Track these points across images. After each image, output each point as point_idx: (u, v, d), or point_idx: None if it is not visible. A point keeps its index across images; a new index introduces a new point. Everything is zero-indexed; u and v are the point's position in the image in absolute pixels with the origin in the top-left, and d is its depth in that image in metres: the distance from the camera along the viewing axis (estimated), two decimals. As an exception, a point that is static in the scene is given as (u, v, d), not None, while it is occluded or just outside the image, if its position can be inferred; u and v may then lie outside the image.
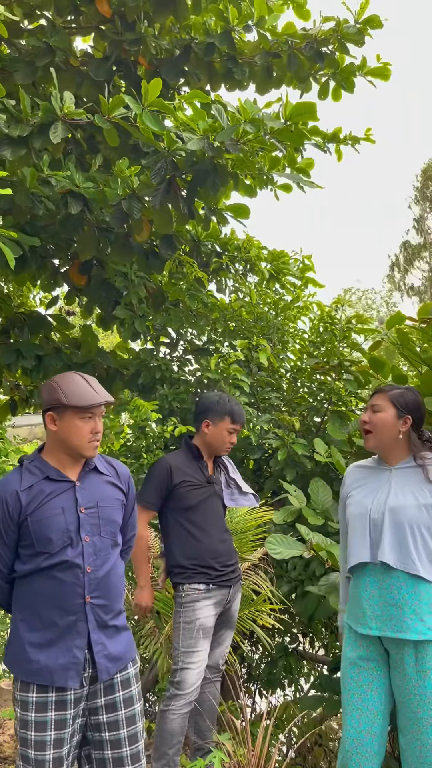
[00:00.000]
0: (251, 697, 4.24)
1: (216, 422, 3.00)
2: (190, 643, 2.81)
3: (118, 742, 2.05)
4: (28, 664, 1.95)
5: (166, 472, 2.92)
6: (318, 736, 3.66)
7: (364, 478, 2.43)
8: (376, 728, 2.25)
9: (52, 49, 3.30)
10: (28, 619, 1.99)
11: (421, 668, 2.16)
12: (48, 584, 1.98)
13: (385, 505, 2.27)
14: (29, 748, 1.92)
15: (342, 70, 3.52)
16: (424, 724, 2.15)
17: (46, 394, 2.08)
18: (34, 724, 1.93)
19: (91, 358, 3.92)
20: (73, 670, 1.97)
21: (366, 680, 2.27)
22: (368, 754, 2.23)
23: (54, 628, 1.97)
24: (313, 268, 4.82)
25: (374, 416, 2.37)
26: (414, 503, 2.24)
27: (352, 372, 4.19)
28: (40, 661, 1.94)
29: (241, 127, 2.64)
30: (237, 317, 4.55)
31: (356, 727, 2.25)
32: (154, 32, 3.52)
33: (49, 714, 1.94)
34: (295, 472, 4.02)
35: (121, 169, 3.03)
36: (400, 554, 2.21)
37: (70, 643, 1.98)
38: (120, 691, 2.08)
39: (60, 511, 2.01)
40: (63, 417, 2.04)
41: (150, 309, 4.15)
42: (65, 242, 3.82)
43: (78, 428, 2.04)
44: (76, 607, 1.99)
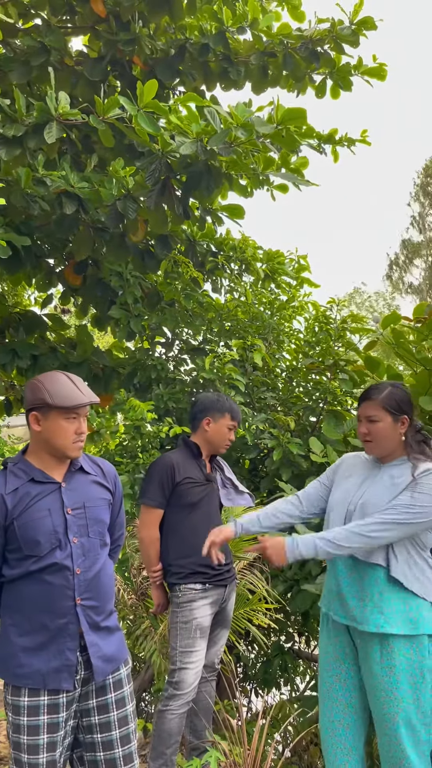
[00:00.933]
0: (247, 697, 4.25)
1: (217, 419, 3.03)
2: (187, 642, 2.81)
3: (110, 744, 2.04)
4: (19, 668, 1.92)
5: (169, 470, 2.92)
6: (314, 735, 3.67)
7: (356, 469, 2.43)
8: (349, 721, 2.25)
9: (47, 48, 3.30)
10: (18, 623, 1.96)
11: (387, 664, 2.15)
12: (37, 588, 1.96)
13: (360, 498, 2.28)
14: (22, 752, 1.91)
15: (339, 69, 3.53)
16: (391, 720, 2.13)
17: (29, 393, 2.03)
18: (26, 728, 1.91)
19: (86, 357, 3.92)
20: (65, 672, 1.95)
21: (335, 671, 2.29)
22: (342, 746, 2.23)
23: (44, 631, 1.95)
24: (308, 268, 4.84)
25: (373, 427, 2.32)
26: (386, 499, 2.22)
27: (347, 371, 4.20)
28: (32, 665, 1.93)
29: (232, 132, 2.64)
30: (232, 317, 4.56)
31: (329, 717, 2.27)
32: (149, 32, 3.53)
33: (41, 717, 1.92)
34: (291, 471, 4.03)
35: (116, 170, 3.03)
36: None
37: (62, 646, 1.96)
38: (112, 692, 2.07)
39: (47, 513, 1.98)
40: (47, 417, 2.00)
41: (145, 309, 4.15)
42: (60, 242, 3.82)
43: (63, 429, 2.00)
44: (67, 610, 1.97)
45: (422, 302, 3.92)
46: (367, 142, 3.60)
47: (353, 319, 4.26)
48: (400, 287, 28.86)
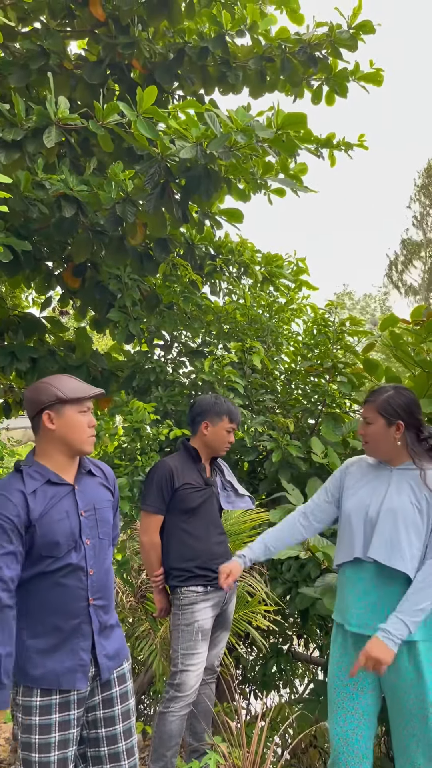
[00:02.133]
0: (246, 699, 4.25)
1: (215, 422, 3.02)
2: (189, 645, 2.82)
3: (114, 738, 2.08)
4: (33, 669, 1.95)
5: (168, 475, 2.92)
6: (313, 737, 3.67)
7: (366, 475, 2.42)
8: (363, 729, 2.25)
9: (46, 52, 3.31)
10: (30, 626, 1.97)
11: (414, 668, 2.17)
12: (52, 590, 1.98)
13: (381, 505, 2.27)
14: (32, 751, 1.93)
15: (335, 75, 3.55)
16: (419, 720, 2.16)
17: (38, 395, 2.05)
18: (38, 728, 1.93)
19: (85, 360, 3.93)
20: (80, 672, 1.99)
21: (352, 680, 2.27)
22: (355, 755, 2.22)
23: (58, 632, 1.98)
24: (307, 271, 4.85)
25: (367, 429, 2.36)
26: (409, 505, 2.24)
27: (345, 374, 4.21)
28: (46, 666, 1.95)
29: (232, 136, 2.65)
30: (231, 319, 4.56)
31: (343, 726, 2.25)
32: (148, 36, 3.54)
33: (53, 716, 1.95)
34: (290, 473, 4.03)
35: (115, 173, 3.04)
36: (391, 552, 2.21)
37: (76, 646, 1.99)
38: (116, 687, 2.11)
39: (65, 515, 2.01)
40: (61, 414, 2.04)
41: (144, 311, 4.16)
42: (59, 245, 3.83)
43: (78, 423, 2.05)
44: (80, 610, 2.01)
45: (420, 305, 3.93)
46: (365, 146, 3.61)
47: (351, 322, 4.27)
48: (400, 288, 28.91)
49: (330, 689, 2.34)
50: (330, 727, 2.29)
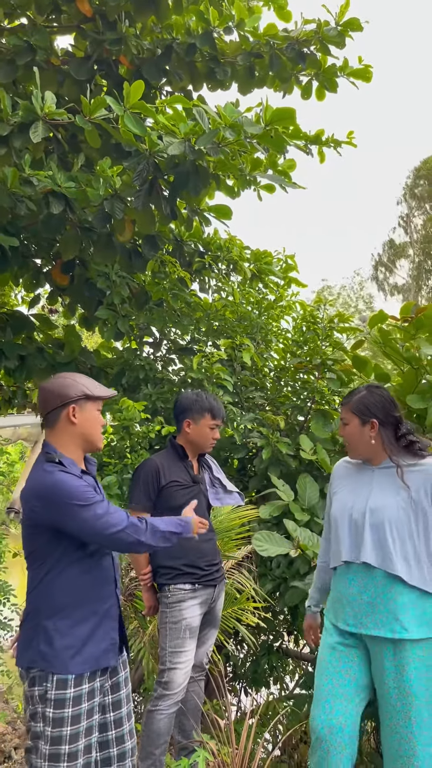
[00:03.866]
0: (237, 696, 4.25)
1: (197, 420, 3.01)
2: (177, 643, 2.81)
3: (120, 721, 2.17)
4: (73, 658, 2.00)
5: (154, 474, 2.92)
6: (303, 733, 3.68)
7: (349, 476, 2.44)
8: (348, 716, 2.23)
9: (33, 48, 3.29)
10: (70, 614, 2.03)
11: (399, 663, 2.17)
12: (89, 575, 2.07)
13: (366, 506, 2.28)
14: (62, 744, 1.97)
15: (324, 70, 3.55)
16: (402, 717, 2.16)
17: (64, 389, 2.13)
18: (70, 719, 1.99)
19: (74, 357, 3.91)
20: (112, 651, 2.10)
21: (345, 665, 2.27)
22: (338, 743, 2.21)
23: (94, 617, 2.07)
24: (296, 268, 4.85)
25: (344, 429, 2.41)
26: (394, 504, 2.25)
27: (334, 371, 4.21)
28: (87, 651, 2.03)
29: (221, 132, 2.64)
30: (220, 317, 4.56)
31: (329, 713, 2.24)
32: (135, 32, 3.52)
33: (83, 705, 2.02)
34: (280, 470, 4.03)
35: (103, 169, 3.02)
36: (380, 554, 2.22)
37: (108, 627, 2.10)
38: (122, 671, 2.20)
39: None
40: (84, 409, 2.14)
41: (133, 309, 4.14)
42: (47, 242, 3.80)
43: (97, 419, 2.17)
44: (110, 593, 2.13)
45: (409, 301, 3.94)
46: (353, 143, 3.61)
47: (340, 319, 4.28)
48: (385, 287, 29.03)
49: (319, 676, 2.33)
50: (314, 715, 2.28)
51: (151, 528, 2.09)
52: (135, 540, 2.04)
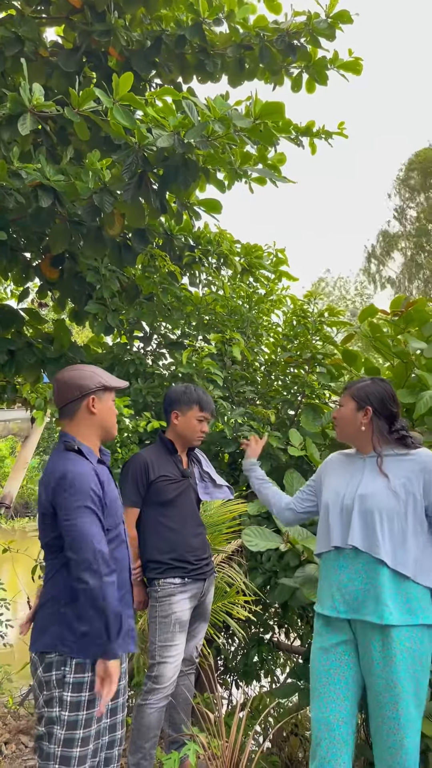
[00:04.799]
0: (228, 689, 4.27)
1: (185, 412, 3.01)
2: (166, 637, 2.82)
3: (115, 710, 2.20)
4: (92, 643, 2.02)
5: (143, 468, 2.91)
6: (294, 726, 3.70)
7: (342, 466, 2.51)
8: (344, 714, 2.26)
9: (21, 39, 3.26)
10: None
11: (387, 653, 2.19)
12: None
13: (356, 492, 2.34)
14: (77, 728, 2.01)
15: (314, 63, 3.53)
16: (390, 708, 2.18)
17: (84, 380, 2.22)
18: (86, 703, 2.03)
19: (63, 352, 3.89)
20: (129, 637, 2.15)
21: (334, 665, 2.30)
22: (336, 741, 2.23)
23: None
24: (286, 262, 4.84)
25: (337, 412, 2.51)
26: (383, 490, 2.29)
27: (325, 365, 4.22)
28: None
29: (210, 125, 2.63)
30: (211, 311, 4.55)
31: (324, 712, 2.27)
32: (124, 23, 3.49)
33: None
34: (270, 464, 4.04)
35: (93, 162, 3.00)
36: (367, 539, 2.26)
37: (125, 614, 2.12)
38: (124, 662, 2.23)
39: (114, 490, 2.21)
40: (102, 400, 2.24)
41: (123, 303, 4.12)
42: (36, 235, 3.77)
43: (113, 410, 2.28)
44: (126, 581, 2.19)
45: (399, 295, 3.95)
46: (344, 134, 3.60)
47: (330, 313, 4.28)
48: (377, 280, 29.08)
49: (312, 676, 2.37)
50: (312, 713, 2.32)
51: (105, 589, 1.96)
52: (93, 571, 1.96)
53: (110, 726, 2.19)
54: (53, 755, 2.00)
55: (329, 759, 2.23)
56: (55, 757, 1.99)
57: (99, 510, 2.07)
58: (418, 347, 3.34)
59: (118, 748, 2.22)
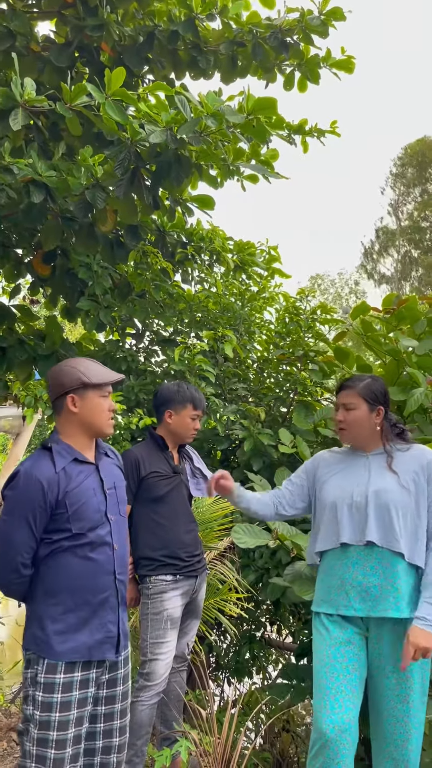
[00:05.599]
0: (220, 686, 4.27)
1: (178, 410, 3.01)
2: (158, 634, 2.82)
3: (111, 716, 2.13)
4: (62, 644, 1.99)
5: (134, 465, 2.91)
6: (285, 722, 3.71)
7: (339, 463, 2.47)
8: (356, 712, 2.23)
9: (13, 33, 3.23)
10: (62, 601, 2.02)
11: (398, 646, 2.20)
12: (82, 564, 2.04)
13: (367, 488, 2.31)
14: (51, 729, 1.95)
15: (307, 61, 3.53)
16: (401, 701, 2.20)
17: (62, 378, 2.14)
18: (59, 705, 1.97)
19: (55, 349, 3.87)
20: (108, 644, 2.07)
21: (350, 660, 2.25)
22: (347, 742, 2.18)
23: (87, 606, 2.04)
24: (279, 259, 4.84)
25: (348, 414, 2.39)
26: (395, 486, 2.29)
27: (317, 362, 4.22)
28: (77, 639, 2.01)
29: (203, 120, 2.62)
30: (203, 308, 4.54)
31: (339, 712, 2.19)
32: (117, 18, 3.47)
33: (73, 693, 2.00)
34: (262, 461, 4.04)
35: (85, 158, 2.98)
36: (385, 534, 2.25)
37: (104, 619, 2.07)
38: (122, 667, 2.17)
39: (93, 492, 2.10)
40: (84, 397, 2.12)
41: (116, 300, 4.11)
42: (28, 231, 3.75)
43: (100, 406, 2.14)
44: (108, 584, 2.09)
45: (391, 293, 3.95)
46: (336, 133, 3.60)
47: (323, 310, 4.28)
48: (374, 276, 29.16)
49: (323, 676, 2.27)
50: (321, 716, 2.22)
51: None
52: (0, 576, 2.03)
53: (105, 731, 2.12)
54: (29, 753, 1.96)
55: (338, 761, 2.17)
56: (32, 756, 1.95)
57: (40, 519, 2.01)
58: (409, 345, 3.35)
59: (116, 755, 2.14)
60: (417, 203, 28.19)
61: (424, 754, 2.58)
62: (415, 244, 27.88)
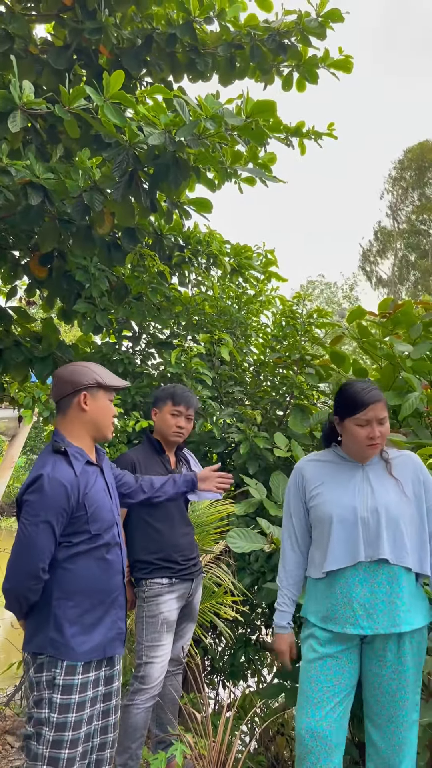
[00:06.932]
0: (215, 689, 4.26)
1: (161, 407, 3.03)
2: (153, 637, 2.81)
3: (108, 712, 2.18)
4: (81, 645, 2.03)
5: (129, 468, 2.91)
6: (280, 725, 3.70)
7: (335, 475, 2.35)
8: (337, 719, 2.23)
9: (11, 36, 3.24)
10: (79, 603, 2.06)
11: (401, 654, 2.20)
12: (98, 565, 2.09)
13: (375, 503, 2.24)
14: (66, 730, 1.99)
15: (305, 62, 3.54)
16: (401, 707, 2.20)
17: (76, 375, 2.18)
18: (76, 706, 2.01)
19: (51, 351, 3.87)
20: (118, 640, 2.14)
21: (338, 673, 2.24)
22: (327, 747, 2.19)
23: (102, 606, 2.10)
24: (275, 263, 4.85)
25: (384, 429, 2.27)
26: (397, 498, 2.26)
27: (313, 366, 4.23)
28: (94, 639, 2.07)
29: (201, 123, 2.63)
30: (200, 311, 4.55)
31: (318, 720, 2.20)
32: (115, 21, 3.48)
33: (88, 693, 2.06)
34: (258, 465, 4.04)
35: (82, 160, 2.98)
36: (397, 550, 2.21)
37: (114, 617, 2.14)
38: (117, 664, 2.22)
39: (104, 493, 2.17)
40: (96, 397, 2.18)
41: (112, 302, 4.11)
42: (25, 233, 3.75)
43: (108, 409, 2.21)
44: (118, 583, 2.16)
45: (387, 297, 3.96)
46: (334, 135, 3.61)
47: (319, 314, 4.29)
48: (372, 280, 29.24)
49: (307, 685, 2.28)
50: (301, 721, 2.24)
51: (8, 597, 2.06)
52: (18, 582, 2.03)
53: (102, 728, 2.16)
54: (41, 756, 1.98)
55: (320, 766, 2.19)
56: (44, 758, 1.98)
57: (61, 524, 2.02)
58: (404, 350, 3.35)
59: (110, 750, 2.20)
60: (415, 207, 28.28)
61: (419, 757, 2.59)
62: (413, 248, 27.96)
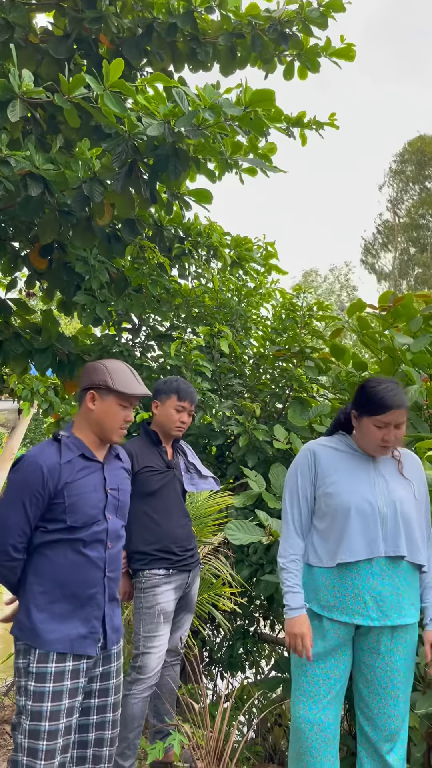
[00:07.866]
0: (212, 680, 4.28)
1: (163, 401, 3.02)
2: (150, 627, 2.82)
3: (104, 708, 2.16)
4: (49, 633, 2.00)
5: None
6: (277, 716, 3.72)
7: (347, 464, 2.34)
8: (334, 711, 2.28)
9: (11, 25, 3.21)
10: (49, 590, 2.04)
11: (393, 645, 2.24)
12: (74, 558, 2.06)
13: (392, 498, 2.26)
14: (42, 720, 1.96)
15: (307, 51, 3.51)
16: (392, 697, 2.24)
17: (90, 373, 2.19)
18: (50, 695, 1.98)
19: (51, 343, 3.87)
20: (90, 639, 2.08)
21: (333, 666, 2.29)
22: (328, 739, 2.25)
23: (74, 599, 2.06)
24: (276, 255, 4.83)
25: (399, 432, 2.27)
26: (411, 495, 2.30)
27: (313, 359, 4.22)
28: (61, 630, 2.02)
29: (200, 113, 2.61)
30: (200, 303, 4.54)
31: (317, 713, 2.25)
32: (115, 10, 3.45)
33: (65, 683, 2.01)
34: (257, 457, 4.04)
35: (82, 151, 2.97)
36: (412, 547, 2.26)
37: (89, 615, 2.09)
38: (115, 661, 2.19)
39: (93, 488, 2.13)
40: (104, 399, 2.17)
41: (112, 294, 4.10)
42: (25, 225, 3.74)
43: (115, 413, 2.18)
44: (97, 581, 2.11)
45: (387, 290, 3.96)
46: (335, 125, 3.59)
47: (319, 307, 4.28)
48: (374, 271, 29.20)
49: (304, 678, 2.31)
50: (300, 714, 2.27)
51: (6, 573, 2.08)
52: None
53: (97, 723, 2.14)
54: (21, 746, 1.95)
55: (321, 758, 2.24)
56: (23, 749, 1.94)
57: (35, 506, 2.03)
58: (404, 342, 3.35)
59: (108, 747, 2.16)
60: (415, 201, 28.20)
61: (416, 748, 2.61)
62: (413, 241, 27.89)
